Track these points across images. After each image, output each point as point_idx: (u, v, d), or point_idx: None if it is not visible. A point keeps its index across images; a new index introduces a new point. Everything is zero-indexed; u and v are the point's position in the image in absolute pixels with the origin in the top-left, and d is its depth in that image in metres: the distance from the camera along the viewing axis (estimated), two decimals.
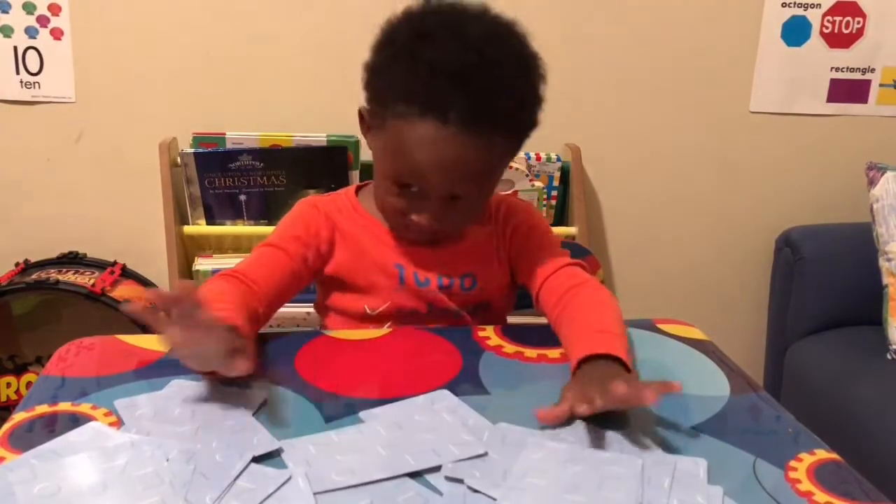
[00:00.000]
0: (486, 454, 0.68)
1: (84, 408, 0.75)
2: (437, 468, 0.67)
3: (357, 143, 1.69)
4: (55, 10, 1.72)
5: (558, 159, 1.80)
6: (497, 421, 0.74)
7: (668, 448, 0.72)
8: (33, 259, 1.79)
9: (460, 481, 0.65)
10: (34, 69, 1.75)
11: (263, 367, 0.86)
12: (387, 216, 0.98)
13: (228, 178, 1.69)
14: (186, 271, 1.73)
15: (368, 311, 1.00)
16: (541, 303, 0.99)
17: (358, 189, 1.06)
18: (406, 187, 0.91)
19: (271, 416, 0.75)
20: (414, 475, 0.66)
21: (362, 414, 0.75)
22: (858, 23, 1.88)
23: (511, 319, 1.09)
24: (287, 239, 0.99)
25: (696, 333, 0.99)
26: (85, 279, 1.67)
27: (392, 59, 0.90)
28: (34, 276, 1.67)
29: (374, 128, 0.94)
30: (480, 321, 1.01)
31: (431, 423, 0.74)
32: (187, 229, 1.73)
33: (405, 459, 0.67)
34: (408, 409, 0.76)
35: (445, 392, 0.79)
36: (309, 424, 0.74)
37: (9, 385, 1.72)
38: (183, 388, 0.79)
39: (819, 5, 1.86)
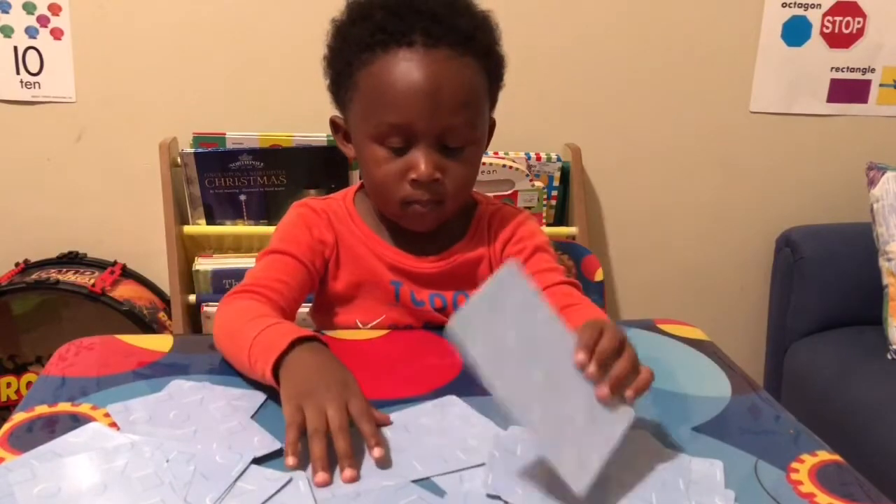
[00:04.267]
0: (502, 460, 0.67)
1: (84, 408, 0.75)
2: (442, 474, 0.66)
3: None
4: (55, 10, 1.72)
5: (558, 159, 1.80)
6: (499, 422, 0.74)
7: (671, 449, 0.71)
8: (33, 259, 1.79)
9: (497, 498, 0.63)
10: (34, 69, 1.74)
11: None
12: (386, 200, 0.93)
13: (228, 178, 1.69)
14: (186, 271, 1.72)
15: (360, 325, 0.99)
16: None
17: (354, 193, 1.04)
18: (395, 141, 0.89)
19: (271, 417, 0.74)
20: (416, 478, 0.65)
21: None
22: (858, 23, 1.88)
23: None
24: (293, 244, 0.96)
25: (697, 333, 0.99)
26: (85, 279, 1.67)
27: (344, 25, 0.92)
28: (34, 276, 1.67)
29: (347, 103, 0.93)
30: None
31: (438, 427, 0.73)
32: (187, 229, 1.72)
33: (412, 465, 0.67)
34: (415, 413, 0.76)
35: (453, 398, 0.79)
36: None
37: (9, 385, 1.72)
38: (179, 389, 0.79)
39: (819, 5, 1.86)
